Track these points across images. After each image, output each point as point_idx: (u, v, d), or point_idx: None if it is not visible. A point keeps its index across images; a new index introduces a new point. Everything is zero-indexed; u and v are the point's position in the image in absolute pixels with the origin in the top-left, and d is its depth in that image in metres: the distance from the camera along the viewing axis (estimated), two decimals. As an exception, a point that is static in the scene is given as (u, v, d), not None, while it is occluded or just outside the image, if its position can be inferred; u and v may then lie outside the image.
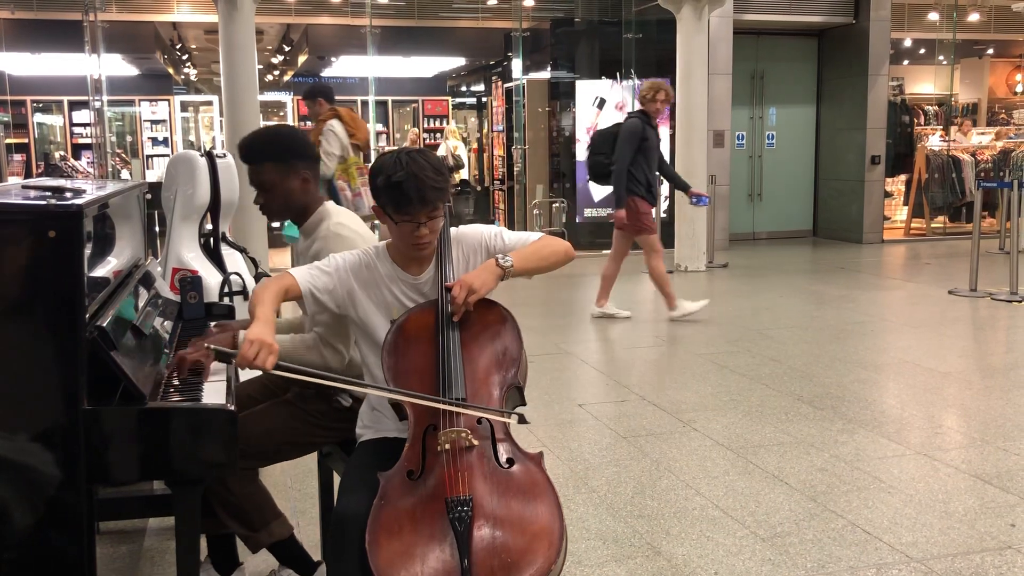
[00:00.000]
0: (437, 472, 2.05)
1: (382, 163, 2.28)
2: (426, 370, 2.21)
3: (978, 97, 15.46)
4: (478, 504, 1.98)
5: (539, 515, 2.00)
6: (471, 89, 17.76)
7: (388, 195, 2.24)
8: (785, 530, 3.28)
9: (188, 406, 2.17)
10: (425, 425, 2.14)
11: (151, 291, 2.92)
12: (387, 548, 1.94)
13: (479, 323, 2.30)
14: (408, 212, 2.24)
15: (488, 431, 2.13)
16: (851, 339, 6.31)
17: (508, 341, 2.30)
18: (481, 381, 2.22)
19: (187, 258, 3.98)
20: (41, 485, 2.01)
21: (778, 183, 12.07)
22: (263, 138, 2.75)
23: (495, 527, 1.97)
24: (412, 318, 2.31)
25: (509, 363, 2.27)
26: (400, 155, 2.26)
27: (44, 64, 13.32)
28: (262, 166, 2.65)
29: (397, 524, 1.98)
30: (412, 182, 2.20)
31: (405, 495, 2.03)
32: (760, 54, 11.76)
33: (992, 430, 4.33)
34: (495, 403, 2.19)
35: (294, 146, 2.72)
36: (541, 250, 2.42)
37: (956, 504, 3.48)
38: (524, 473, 2.09)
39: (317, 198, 2.76)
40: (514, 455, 2.12)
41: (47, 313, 1.99)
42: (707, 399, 4.93)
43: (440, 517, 1.97)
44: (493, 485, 2.04)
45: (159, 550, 3.20)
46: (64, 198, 2.09)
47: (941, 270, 9.44)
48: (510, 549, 1.94)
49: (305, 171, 2.69)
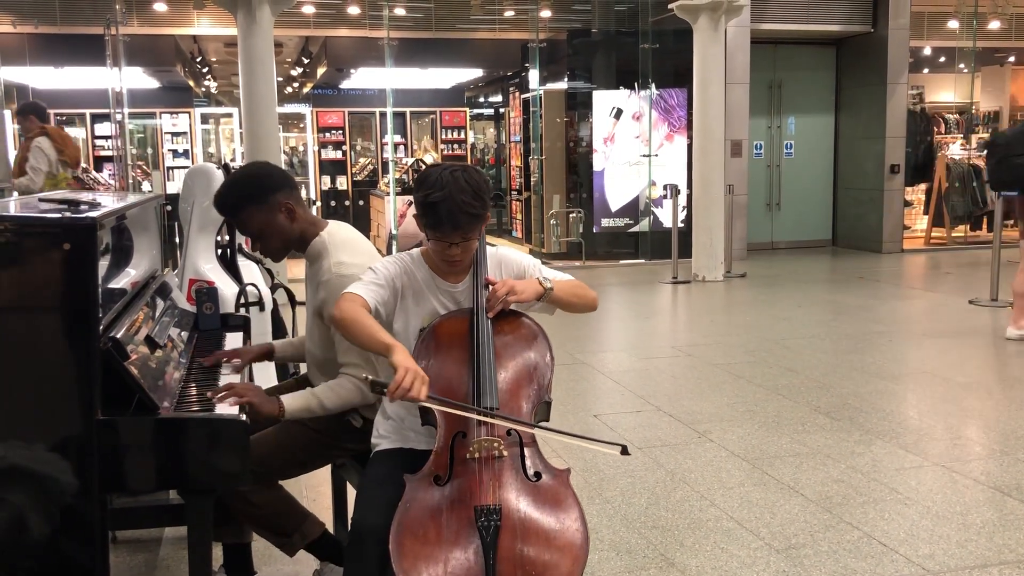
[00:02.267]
0: (465, 479, 2.05)
1: (426, 176, 2.26)
2: (458, 377, 2.21)
3: (1000, 105, 15.31)
4: (506, 514, 1.99)
5: (565, 531, 2.01)
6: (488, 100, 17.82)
7: (423, 213, 2.24)
8: (800, 542, 3.25)
9: (201, 416, 2.19)
10: (454, 432, 2.14)
11: (167, 301, 2.95)
12: (411, 550, 1.94)
13: (513, 335, 2.32)
14: (440, 232, 2.23)
15: (517, 442, 2.14)
16: (869, 349, 6.26)
17: (540, 356, 2.31)
18: (512, 393, 2.22)
19: (204, 269, 4.02)
20: (56, 494, 2.03)
21: (796, 192, 12.03)
22: (235, 186, 2.61)
23: (522, 539, 1.97)
24: (444, 324, 2.31)
25: (540, 377, 2.28)
26: (444, 173, 2.23)
27: (67, 78, 13.49)
28: (245, 213, 2.56)
29: (422, 527, 1.98)
30: (447, 205, 2.18)
31: (431, 500, 2.03)
32: (778, 63, 11.74)
33: (1012, 442, 4.28)
34: (525, 417, 2.20)
35: (266, 181, 2.60)
36: (576, 289, 2.46)
37: (974, 516, 3.45)
38: (552, 487, 2.09)
39: (310, 221, 2.65)
40: (542, 469, 2.13)
41: (61, 324, 2.02)
42: (723, 410, 4.91)
43: (467, 524, 1.97)
44: (522, 496, 2.04)
45: (175, 559, 3.22)
46: (79, 211, 2.12)
47: (961, 280, 9.36)
48: (535, 562, 1.95)
49: (286, 201, 2.57)
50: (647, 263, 10.99)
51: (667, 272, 9.68)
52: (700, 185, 9.71)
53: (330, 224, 2.71)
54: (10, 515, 2.04)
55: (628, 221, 11.22)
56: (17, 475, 2.03)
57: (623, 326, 7.71)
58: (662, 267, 10.21)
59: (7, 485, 2.03)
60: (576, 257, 11.00)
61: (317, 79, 15.30)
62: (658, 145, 11.06)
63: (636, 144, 11.05)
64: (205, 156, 15.07)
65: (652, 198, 11.08)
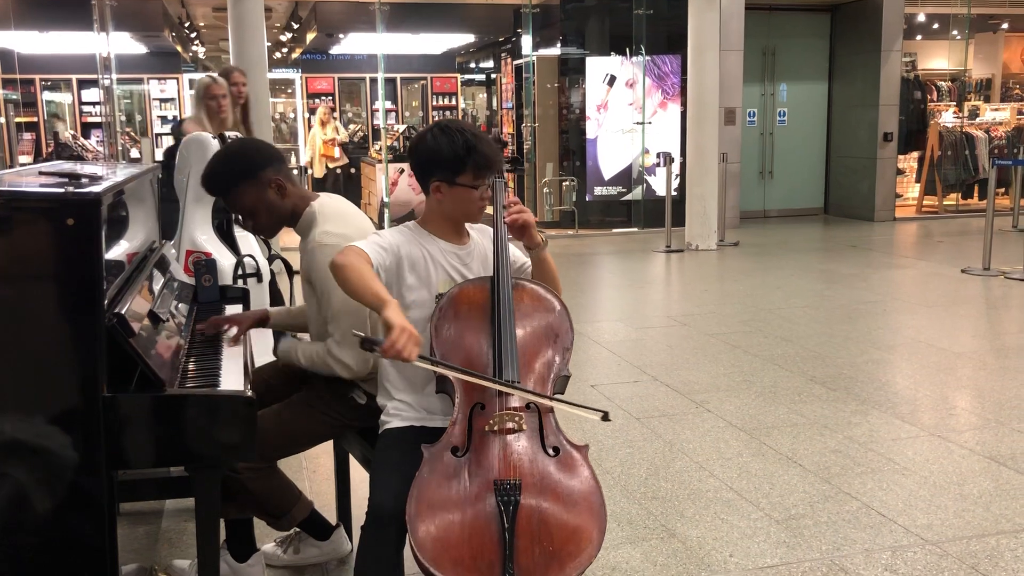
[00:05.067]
0: (484, 452, 2.05)
1: (439, 139, 2.30)
2: (478, 347, 2.20)
3: (992, 72, 15.29)
4: (526, 489, 1.99)
5: (584, 507, 2.02)
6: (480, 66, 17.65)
7: (473, 162, 2.28)
8: (799, 512, 3.28)
9: (207, 392, 2.17)
10: (473, 403, 2.13)
11: (167, 275, 2.93)
12: (428, 520, 1.94)
13: (533, 305, 2.32)
14: (486, 175, 2.31)
15: (536, 416, 2.14)
16: (863, 319, 6.29)
17: (562, 328, 2.31)
18: (531, 366, 2.22)
19: (200, 240, 3.98)
20: (62, 471, 2.02)
21: (789, 161, 12.00)
22: (223, 164, 2.60)
23: (541, 513, 1.98)
24: (464, 292, 2.29)
25: (562, 351, 2.28)
26: (448, 127, 2.33)
27: (53, 42, 13.28)
28: (236, 191, 2.53)
29: (440, 499, 1.98)
30: (485, 146, 2.29)
31: (449, 473, 2.03)
32: (772, 30, 11.65)
33: (1007, 411, 4.32)
34: (545, 390, 2.20)
35: (255, 157, 2.58)
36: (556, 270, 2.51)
37: (971, 486, 3.48)
38: (570, 463, 2.09)
39: (300, 196, 2.62)
40: (560, 444, 2.13)
41: (66, 301, 1.99)
42: (720, 380, 4.92)
43: (486, 497, 1.97)
44: (541, 471, 2.04)
45: (176, 531, 3.22)
46: (81, 185, 2.09)
47: (954, 248, 9.39)
48: (552, 538, 1.95)
49: (275, 176, 2.54)
50: (640, 232, 10.97)
51: (660, 241, 9.67)
52: (694, 153, 9.67)
53: (321, 196, 2.69)
54: (16, 492, 2.03)
55: (621, 189, 11.18)
56: (23, 452, 2.01)
57: (617, 295, 7.71)
58: (655, 236, 10.19)
59: (12, 462, 2.02)
60: (569, 226, 10.98)
61: (307, 45, 15.12)
62: (651, 112, 10.99)
63: (629, 111, 10.98)
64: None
65: (645, 166, 11.04)
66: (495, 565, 1.90)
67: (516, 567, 1.89)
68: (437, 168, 2.32)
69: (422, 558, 1.90)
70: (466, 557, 1.91)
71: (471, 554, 1.91)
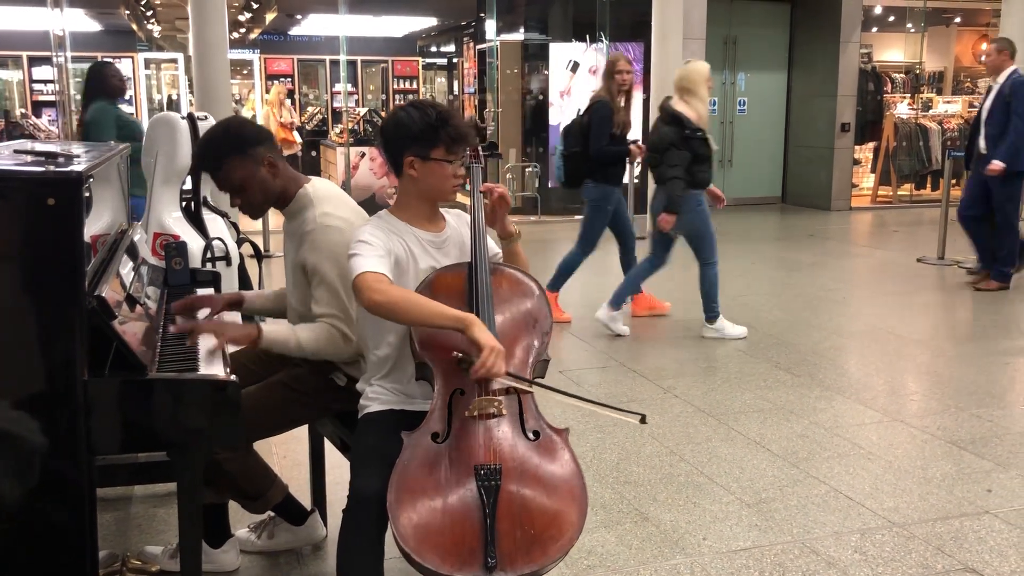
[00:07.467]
0: (465, 437, 2.05)
1: (411, 113, 2.30)
2: (455, 335, 2.15)
3: (944, 65, 15.58)
4: (507, 473, 1.99)
5: (565, 491, 2.03)
6: (441, 50, 17.56)
7: (446, 134, 2.27)
8: (770, 496, 3.33)
9: (191, 377, 2.14)
10: (452, 389, 2.13)
11: (138, 258, 2.87)
12: (410, 508, 1.94)
13: (511, 290, 2.31)
14: (460, 149, 2.32)
15: (516, 401, 2.14)
16: (824, 306, 6.39)
17: (540, 312, 2.31)
18: (511, 351, 2.20)
19: (168, 222, 3.91)
20: (41, 457, 1.98)
21: (748, 150, 12.12)
22: (216, 139, 2.56)
23: (522, 498, 1.98)
24: (441, 277, 2.27)
25: (540, 335, 2.28)
26: (420, 103, 2.35)
27: (1, 17, 12.92)
28: (228, 165, 2.49)
29: (422, 487, 1.97)
30: (456, 120, 2.30)
31: (430, 458, 2.02)
32: (733, 19, 11.74)
33: (964, 397, 4.42)
34: (525, 374, 2.19)
35: (247, 133, 2.55)
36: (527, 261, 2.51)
37: (934, 470, 3.56)
38: (551, 447, 2.10)
39: (291, 178, 2.61)
40: (540, 428, 2.13)
41: (46, 282, 1.94)
42: (686, 366, 4.97)
43: (467, 483, 1.97)
44: (521, 456, 2.05)
45: (146, 517, 3.18)
46: (60, 164, 2.03)
47: (909, 238, 9.57)
48: (534, 522, 1.96)
49: (267, 154, 2.52)
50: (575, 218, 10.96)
51: (622, 227, 9.68)
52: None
53: (313, 179, 2.68)
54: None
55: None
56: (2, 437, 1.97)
57: (582, 282, 7.71)
58: (617, 222, 10.20)
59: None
60: (532, 212, 10.97)
61: (266, 25, 14.89)
62: (614, 100, 10.99)
63: (592, 98, 10.97)
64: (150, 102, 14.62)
65: (607, 153, 11.03)
66: (477, 551, 1.90)
67: (498, 551, 1.89)
68: (410, 142, 2.29)
69: (404, 546, 1.90)
70: (448, 544, 1.91)
71: (453, 540, 1.91)
